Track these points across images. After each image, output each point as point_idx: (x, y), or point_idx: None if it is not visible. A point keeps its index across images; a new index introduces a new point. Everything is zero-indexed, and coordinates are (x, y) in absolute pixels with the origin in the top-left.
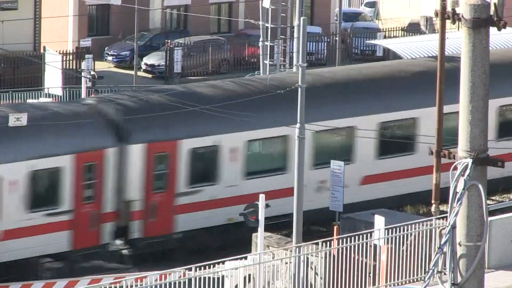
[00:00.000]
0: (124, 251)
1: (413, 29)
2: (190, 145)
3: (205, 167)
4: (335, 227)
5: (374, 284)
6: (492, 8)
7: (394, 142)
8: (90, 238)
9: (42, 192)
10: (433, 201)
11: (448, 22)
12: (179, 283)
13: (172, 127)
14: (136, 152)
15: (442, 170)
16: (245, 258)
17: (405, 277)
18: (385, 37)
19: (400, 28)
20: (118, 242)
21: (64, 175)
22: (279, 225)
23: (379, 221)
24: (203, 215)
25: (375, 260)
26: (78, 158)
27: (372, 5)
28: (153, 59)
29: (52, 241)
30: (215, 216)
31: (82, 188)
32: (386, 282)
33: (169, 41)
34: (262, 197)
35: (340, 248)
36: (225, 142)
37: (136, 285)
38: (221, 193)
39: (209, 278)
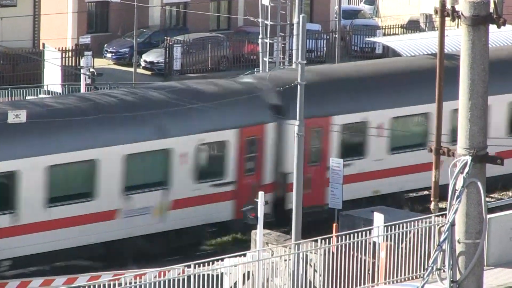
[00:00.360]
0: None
1: (412, 26)
2: (341, 121)
3: (354, 142)
4: (334, 225)
5: (373, 281)
6: (492, 5)
7: None
8: None
9: (208, 164)
10: (432, 199)
11: (447, 19)
12: (178, 280)
13: (325, 104)
14: (293, 127)
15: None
16: (244, 255)
17: (404, 274)
18: (384, 34)
19: (399, 26)
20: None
21: (229, 148)
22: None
23: (378, 218)
24: (352, 188)
25: (374, 257)
26: (241, 133)
27: (372, 2)
28: (152, 56)
29: (216, 211)
30: (362, 189)
31: (244, 160)
32: (385, 279)
33: (168, 38)
34: (261, 194)
35: (339, 246)
36: (372, 119)
37: (135, 282)
38: (369, 167)
39: (208, 275)
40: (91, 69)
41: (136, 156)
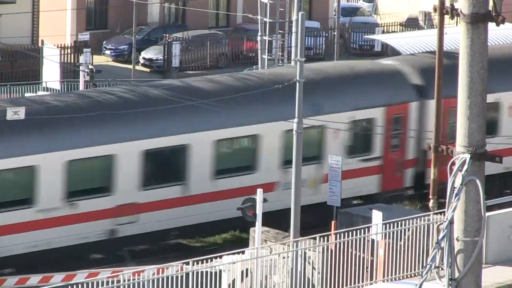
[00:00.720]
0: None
1: (411, 24)
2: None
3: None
4: (332, 222)
5: (371, 279)
6: (491, 3)
7: None
8: (395, 181)
9: (358, 140)
10: (431, 196)
11: (446, 17)
12: (177, 277)
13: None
14: (433, 106)
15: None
16: (243, 252)
17: (403, 272)
18: (383, 32)
19: (398, 23)
20: None
21: (376, 125)
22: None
23: (376, 216)
24: None
25: (372, 255)
26: (388, 111)
27: (371, 0)
28: (151, 53)
29: (364, 184)
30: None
31: (390, 137)
32: (384, 277)
33: (167, 35)
34: (260, 191)
35: (337, 243)
36: (505, 100)
37: (134, 279)
38: (500, 145)
39: (206, 272)
40: (90, 66)
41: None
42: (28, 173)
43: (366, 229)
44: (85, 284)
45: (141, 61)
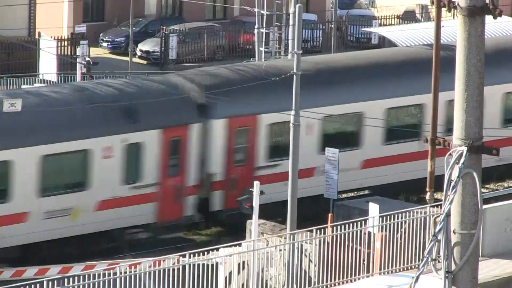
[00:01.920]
0: None
1: (408, 17)
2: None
3: None
4: (329, 215)
5: (368, 271)
6: None
7: None
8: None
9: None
10: (427, 189)
11: (443, 10)
12: (173, 269)
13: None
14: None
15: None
16: (239, 245)
17: (399, 265)
18: (380, 24)
19: (395, 16)
20: None
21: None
22: None
23: (373, 208)
24: None
25: (369, 247)
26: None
27: None
28: (148, 45)
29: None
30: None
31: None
32: (380, 269)
33: (164, 27)
34: (256, 184)
35: (334, 236)
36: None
37: (130, 272)
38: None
39: (203, 264)
40: (87, 58)
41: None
42: None
43: (363, 222)
44: (81, 277)
45: (138, 53)
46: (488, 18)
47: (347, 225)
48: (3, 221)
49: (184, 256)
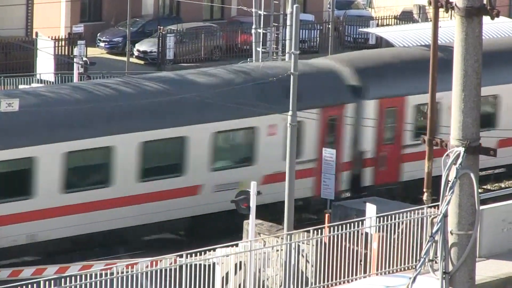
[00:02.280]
0: None
1: (406, 17)
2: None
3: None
4: (326, 215)
5: (365, 272)
6: None
7: None
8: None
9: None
10: (424, 190)
11: (441, 10)
12: (170, 269)
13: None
14: None
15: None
16: (236, 245)
17: (396, 266)
18: (378, 25)
19: (393, 17)
20: None
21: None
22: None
23: (370, 209)
24: None
25: (366, 248)
26: None
27: None
28: (146, 45)
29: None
30: None
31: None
32: (377, 270)
33: (161, 27)
34: (253, 184)
35: (331, 236)
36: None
37: (127, 272)
38: None
39: (200, 265)
40: (84, 58)
41: None
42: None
43: (360, 222)
44: (78, 277)
45: (136, 53)
46: (485, 19)
47: (344, 226)
48: (178, 193)
49: (181, 256)
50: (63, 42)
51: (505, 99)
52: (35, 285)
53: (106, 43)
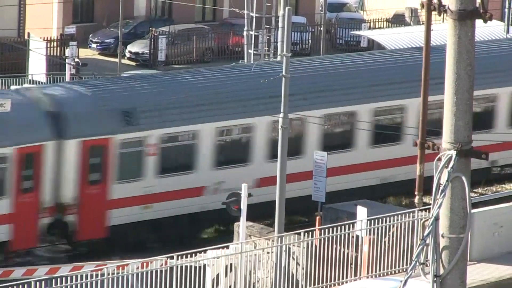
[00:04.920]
0: None
1: (398, 20)
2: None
3: None
4: (317, 218)
5: (355, 275)
6: (478, 0)
7: None
8: None
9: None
10: (416, 193)
11: (433, 14)
12: (161, 271)
13: None
14: None
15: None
16: (227, 247)
17: (387, 268)
18: (369, 28)
19: (385, 19)
20: None
21: None
22: None
23: (361, 212)
24: None
25: (357, 251)
26: None
27: None
28: (137, 47)
29: None
30: None
31: None
32: (368, 273)
33: (153, 29)
34: (244, 186)
35: (322, 239)
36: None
37: (118, 273)
38: None
39: (190, 266)
40: (76, 59)
41: None
42: None
43: (351, 225)
44: (69, 277)
45: (127, 54)
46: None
47: (335, 228)
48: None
49: (171, 257)
50: (55, 43)
51: None
52: (26, 285)
53: (98, 44)
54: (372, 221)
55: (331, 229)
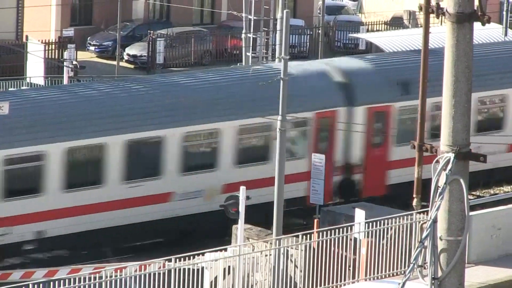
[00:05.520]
0: None
1: (396, 23)
2: None
3: None
4: (315, 220)
5: (354, 277)
6: (476, 2)
7: None
8: None
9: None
10: (414, 195)
11: (431, 16)
12: (159, 274)
13: None
14: None
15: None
16: (225, 250)
17: (385, 271)
18: (368, 30)
19: (383, 22)
20: None
21: None
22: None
23: (359, 214)
24: None
25: (355, 253)
26: None
27: None
28: (136, 49)
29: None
30: None
31: None
32: (366, 275)
33: (151, 31)
34: (242, 189)
35: (320, 241)
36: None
37: (116, 276)
38: None
39: (188, 269)
40: (74, 62)
41: None
42: None
43: (349, 228)
44: (67, 280)
45: (125, 57)
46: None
47: (333, 231)
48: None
49: (169, 260)
50: (53, 45)
51: None
52: None
53: (96, 47)
54: (370, 223)
55: (329, 231)
